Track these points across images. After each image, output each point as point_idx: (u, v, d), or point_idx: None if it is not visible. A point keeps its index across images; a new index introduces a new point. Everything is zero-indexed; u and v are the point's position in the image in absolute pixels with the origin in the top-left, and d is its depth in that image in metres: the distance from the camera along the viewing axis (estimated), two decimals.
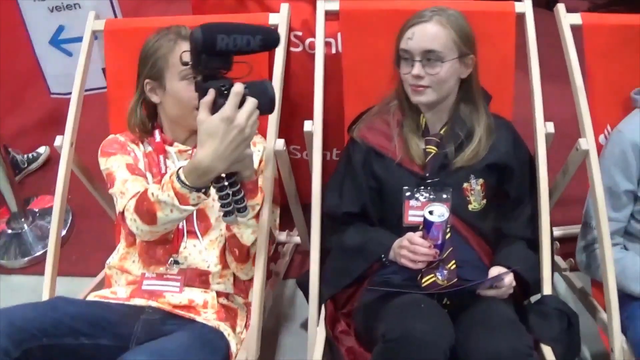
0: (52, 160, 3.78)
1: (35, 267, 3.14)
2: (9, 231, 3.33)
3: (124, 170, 2.14)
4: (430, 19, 2.12)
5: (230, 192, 1.87)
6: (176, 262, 2.15)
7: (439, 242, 2.01)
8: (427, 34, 2.10)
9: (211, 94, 1.70)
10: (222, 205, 1.88)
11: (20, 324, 1.81)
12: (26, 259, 3.20)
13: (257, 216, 2.07)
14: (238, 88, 1.69)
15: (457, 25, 2.13)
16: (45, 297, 2.30)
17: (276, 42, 1.78)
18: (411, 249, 2.03)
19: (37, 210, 3.45)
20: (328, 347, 2.14)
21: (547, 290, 2.19)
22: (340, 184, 2.31)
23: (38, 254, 3.20)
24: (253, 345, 2.09)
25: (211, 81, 1.71)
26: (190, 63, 1.71)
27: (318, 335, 2.15)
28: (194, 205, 1.87)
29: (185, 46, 2.08)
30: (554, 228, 2.34)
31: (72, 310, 1.96)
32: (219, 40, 1.64)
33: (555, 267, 2.60)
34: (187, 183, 1.81)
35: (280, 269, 2.88)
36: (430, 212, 1.98)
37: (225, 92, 1.69)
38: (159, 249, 2.16)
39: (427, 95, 2.14)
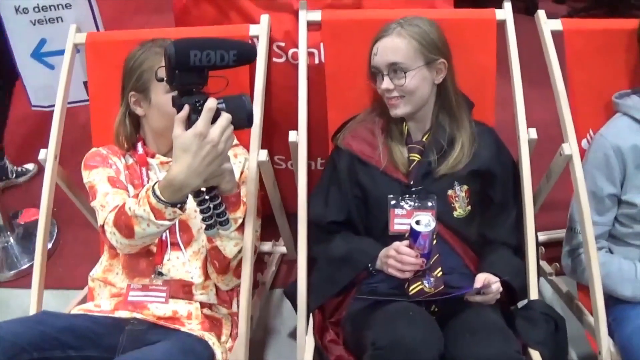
0: (37, 174, 3.77)
1: (22, 280, 3.13)
2: None
3: (105, 184, 2.15)
4: (392, 31, 2.16)
5: (211, 206, 1.88)
6: (160, 274, 2.15)
7: (426, 251, 2.02)
8: (388, 48, 2.15)
9: (185, 109, 1.71)
10: (204, 219, 1.89)
11: (10, 339, 1.81)
12: (12, 272, 3.19)
13: (240, 228, 2.07)
14: (211, 104, 1.70)
15: (419, 33, 2.15)
16: (32, 310, 2.29)
17: (252, 57, 1.81)
18: (398, 258, 2.03)
19: (22, 223, 3.44)
20: (317, 356, 2.14)
21: (533, 295, 2.21)
22: (326, 192, 2.31)
23: (24, 267, 3.19)
24: (241, 355, 2.09)
25: (186, 97, 1.72)
26: (165, 79, 1.72)
27: (307, 344, 2.15)
28: (170, 220, 1.88)
29: None
30: (538, 233, 2.35)
31: (59, 324, 1.96)
32: (191, 56, 1.65)
33: (540, 271, 2.63)
34: (162, 198, 1.82)
35: (266, 279, 2.87)
36: (417, 222, 1.99)
37: (200, 107, 1.70)
38: (143, 261, 2.16)
39: (402, 107, 2.18)
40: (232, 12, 2.69)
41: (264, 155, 2.27)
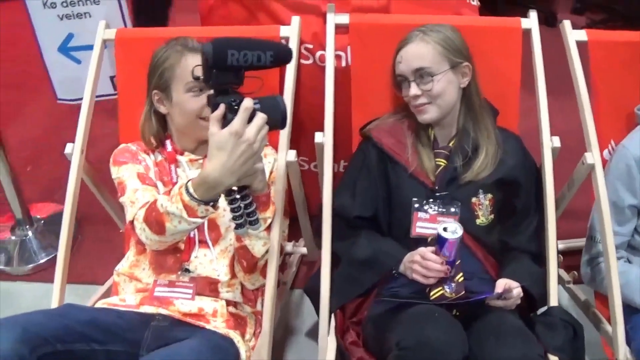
0: (50, 167, 3.78)
1: (39, 274, 3.15)
2: (13, 238, 3.33)
3: (135, 180, 2.16)
4: (415, 38, 2.19)
5: (242, 205, 1.88)
6: (187, 271, 2.16)
7: (452, 258, 2.03)
8: (413, 54, 2.18)
9: (221, 108, 1.72)
10: (234, 218, 1.89)
11: (34, 330, 1.81)
12: (30, 266, 3.19)
13: (268, 228, 2.09)
14: (247, 103, 1.71)
15: (442, 38, 2.18)
16: (54, 304, 2.29)
17: (288, 58, 1.81)
18: (423, 264, 2.04)
19: (41, 217, 3.45)
20: (339, 356, 2.15)
21: (553, 301, 2.21)
22: (353, 185, 2.32)
23: (42, 261, 3.20)
24: (264, 354, 2.10)
25: (222, 96, 1.72)
26: (202, 77, 1.73)
27: (329, 344, 2.16)
28: (202, 217, 1.89)
29: (191, 58, 2.12)
30: (558, 241, 2.37)
31: (83, 317, 1.96)
32: (229, 55, 1.66)
33: (558, 279, 2.64)
34: (195, 196, 1.83)
35: (287, 279, 2.89)
36: (445, 229, 2.00)
37: (236, 107, 1.71)
38: (170, 257, 2.17)
39: (430, 112, 2.20)
40: (260, 13, 2.72)
41: (292, 155, 2.29)
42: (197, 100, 2.12)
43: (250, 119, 1.72)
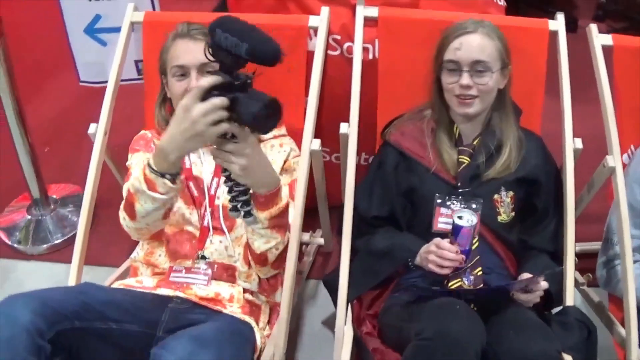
0: (68, 148, 3.78)
1: (54, 254, 3.16)
2: (29, 217, 3.34)
3: (139, 168, 2.16)
4: (476, 29, 2.17)
5: (237, 192, 1.86)
6: (203, 257, 2.17)
7: (467, 248, 2.05)
8: (476, 45, 2.15)
9: (203, 81, 1.68)
10: (230, 199, 1.88)
11: (53, 305, 1.81)
12: (45, 245, 3.20)
13: (273, 227, 2.02)
14: (203, 82, 1.67)
15: (499, 36, 2.19)
16: (71, 284, 2.30)
17: (267, 59, 1.64)
18: (438, 253, 2.06)
19: (57, 198, 3.46)
20: (355, 346, 2.16)
21: (569, 301, 2.22)
22: (370, 187, 2.34)
23: (57, 241, 3.21)
24: (281, 342, 2.11)
25: (217, 73, 1.69)
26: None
27: (346, 334, 2.17)
28: (162, 193, 1.89)
29: (180, 43, 2.16)
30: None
31: (101, 296, 1.97)
32: (217, 33, 1.62)
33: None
34: (153, 167, 1.84)
35: (303, 269, 2.90)
36: (460, 217, 2.03)
37: (221, 86, 1.67)
38: (186, 244, 2.18)
39: (474, 106, 2.19)
40: (290, 3, 2.72)
41: (317, 144, 2.30)
42: (180, 85, 2.13)
43: (231, 106, 1.68)
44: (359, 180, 2.38)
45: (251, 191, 1.88)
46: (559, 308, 2.23)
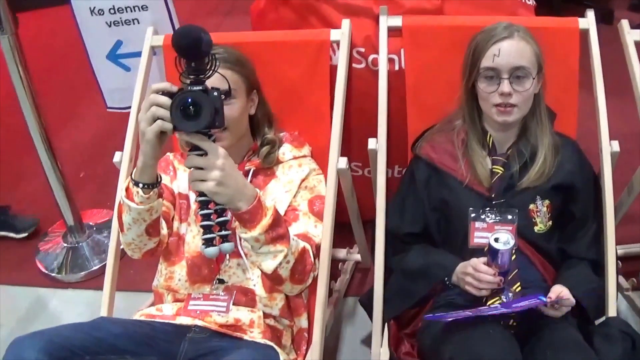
0: (103, 173, 3.77)
1: (92, 281, 3.16)
2: (65, 245, 3.34)
3: None
4: (512, 34, 2.09)
5: (210, 217, 1.80)
6: (221, 281, 2.14)
7: (505, 269, 1.98)
8: (514, 50, 2.07)
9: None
10: (203, 229, 1.79)
11: (60, 342, 1.82)
12: (83, 273, 3.21)
13: (275, 241, 1.90)
14: (154, 86, 1.70)
15: (535, 42, 2.11)
16: (103, 312, 2.32)
17: (181, 48, 1.66)
18: (476, 276, 2.00)
19: (93, 224, 3.46)
20: None
21: (612, 312, 2.15)
22: (402, 203, 2.29)
23: (95, 268, 3.21)
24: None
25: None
26: None
27: (382, 356, 2.13)
28: (137, 203, 1.89)
29: None
30: (617, 246, 2.28)
31: (115, 330, 1.97)
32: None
33: (617, 287, 2.56)
34: (132, 176, 1.87)
35: (340, 287, 2.86)
36: (496, 240, 1.95)
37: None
38: (204, 267, 2.15)
39: (514, 114, 2.11)
40: (311, 17, 2.69)
41: (343, 162, 2.24)
42: None
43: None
44: (392, 194, 2.34)
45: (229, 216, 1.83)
46: (603, 319, 2.15)
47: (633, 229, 2.71)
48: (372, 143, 2.32)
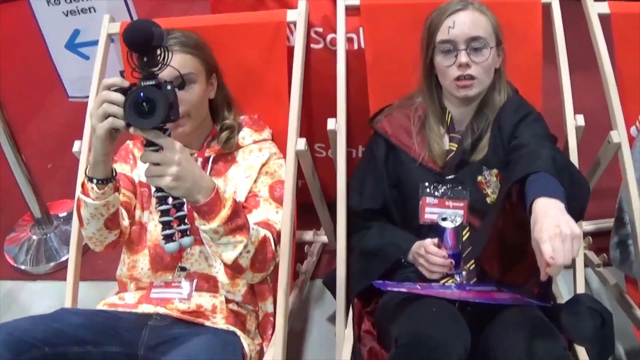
0: (70, 164, 3.72)
1: (61, 272, 3.11)
2: (34, 237, 3.33)
3: None
4: (466, 7, 2.06)
5: (169, 211, 1.79)
6: (183, 269, 2.13)
7: (455, 250, 1.97)
8: (469, 21, 2.04)
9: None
10: (162, 225, 1.80)
11: (19, 335, 1.81)
12: (52, 264, 3.20)
13: (235, 231, 1.89)
14: (105, 82, 1.69)
15: (491, 13, 2.09)
16: (67, 303, 2.32)
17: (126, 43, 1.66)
18: (426, 258, 2.00)
19: (61, 215, 3.44)
20: (358, 346, 2.11)
21: (580, 288, 2.16)
22: (362, 179, 2.27)
23: (63, 259, 3.18)
24: (279, 352, 2.07)
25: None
26: None
27: (347, 335, 2.13)
28: (93, 198, 1.88)
29: None
30: (586, 222, 2.27)
31: (76, 320, 1.96)
32: None
33: (588, 262, 2.55)
34: (86, 172, 1.86)
35: (307, 269, 2.85)
36: (444, 219, 1.94)
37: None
38: (166, 256, 2.13)
39: (474, 88, 2.07)
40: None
41: (302, 144, 2.22)
42: None
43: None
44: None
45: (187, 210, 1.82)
46: (571, 297, 2.10)
47: (602, 204, 2.68)
48: (331, 123, 2.30)
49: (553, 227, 1.54)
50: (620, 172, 2.28)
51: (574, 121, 2.27)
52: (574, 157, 2.23)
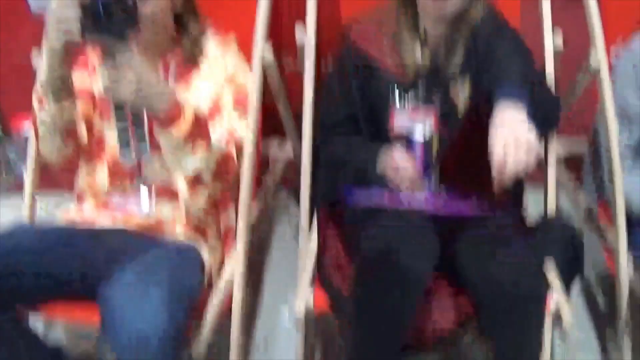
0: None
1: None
2: None
3: None
4: None
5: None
6: (142, 180, 2.11)
7: (424, 164, 1.96)
8: None
9: None
10: (120, 140, 1.90)
11: None
12: (12, 177, 3.21)
13: (196, 141, 1.88)
14: None
15: None
16: (24, 216, 2.32)
17: None
18: (394, 167, 1.98)
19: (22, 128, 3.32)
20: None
21: (551, 211, 2.14)
22: (331, 90, 2.22)
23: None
24: (241, 258, 2.08)
25: None
26: None
27: (311, 241, 2.13)
28: (50, 113, 1.92)
29: None
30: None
31: (29, 238, 1.97)
32: None
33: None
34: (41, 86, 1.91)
35: (274, 177, 2.85)
36: (412, 131, 1.94)
37: None
38: (126, 166, 2.12)
39: (451, 4, 1.97)
40: None
41: (268, 51, 2.19)
42: None
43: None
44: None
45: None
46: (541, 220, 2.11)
47: (577, 127, 2.65)
48: (299, 33, 2.24)
49: (509, 132, 1.54)
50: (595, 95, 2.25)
51: (552, 41, 2.21)
52: (550, 80, 2.18)
